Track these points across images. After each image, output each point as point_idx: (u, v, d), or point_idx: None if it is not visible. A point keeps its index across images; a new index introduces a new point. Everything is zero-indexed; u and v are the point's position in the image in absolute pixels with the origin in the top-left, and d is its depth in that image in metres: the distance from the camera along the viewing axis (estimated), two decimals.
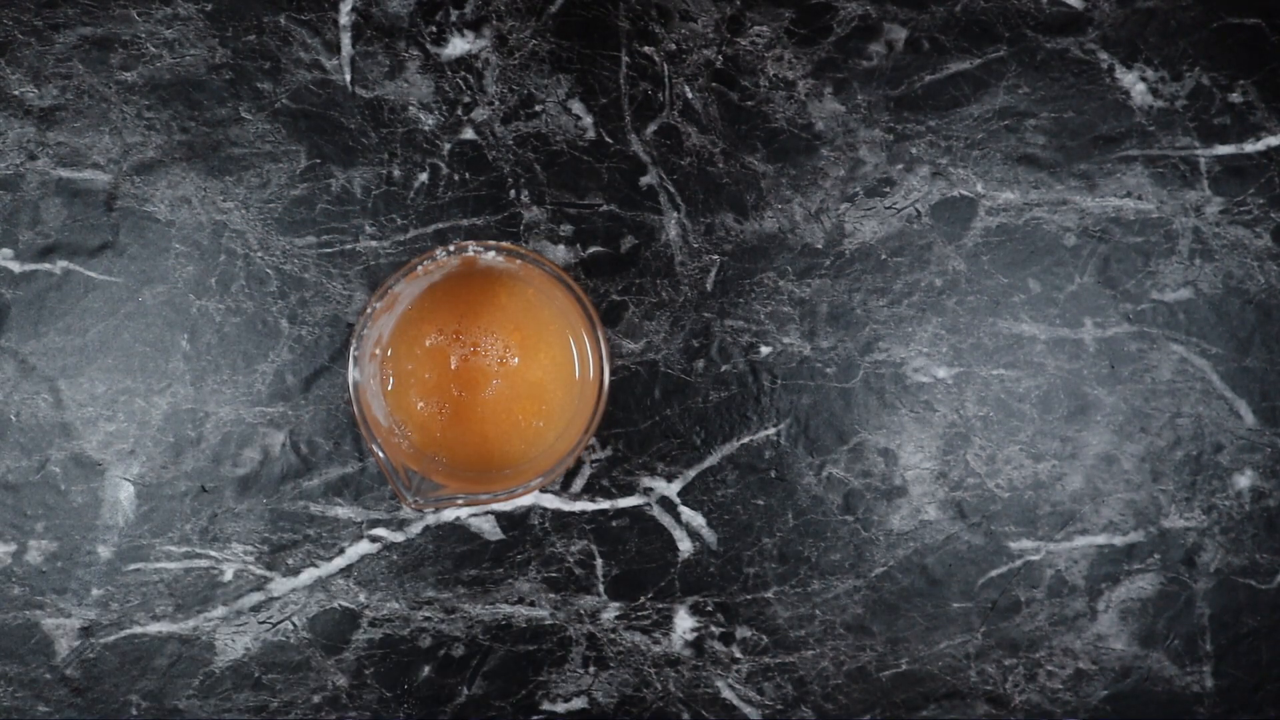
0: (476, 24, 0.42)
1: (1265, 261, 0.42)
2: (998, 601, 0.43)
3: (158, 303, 0.41)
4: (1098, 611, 0.43)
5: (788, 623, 0.43)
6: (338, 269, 0.42)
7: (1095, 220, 0.42)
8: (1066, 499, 0.42)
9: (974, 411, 0.42)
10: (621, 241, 0.42)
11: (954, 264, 0.42)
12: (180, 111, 0.41)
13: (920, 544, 0.43)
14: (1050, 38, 0.42)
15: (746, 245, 0.42)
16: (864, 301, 0.42)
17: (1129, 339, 0.42)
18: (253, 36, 0.41)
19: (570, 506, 0.42)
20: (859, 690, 0.43)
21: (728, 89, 0.42)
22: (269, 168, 0.41)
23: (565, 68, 0.42)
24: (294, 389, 0.42)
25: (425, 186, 0.42)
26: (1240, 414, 0.43)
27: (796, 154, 0.42)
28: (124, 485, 0.41)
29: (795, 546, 0.43)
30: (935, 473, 0.42)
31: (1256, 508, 0.43)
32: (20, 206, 0.41)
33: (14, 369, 0.41)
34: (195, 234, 0.41)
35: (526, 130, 0.42)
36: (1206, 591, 0.43)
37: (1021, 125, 0.42)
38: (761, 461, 0.42)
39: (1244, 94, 0.42)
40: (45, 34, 0.41)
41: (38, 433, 0.41)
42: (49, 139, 0.41)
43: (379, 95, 0.42)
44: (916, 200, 0.42)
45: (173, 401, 0.41)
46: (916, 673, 0.43)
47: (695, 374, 0.42)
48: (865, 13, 0.42)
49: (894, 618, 0.43)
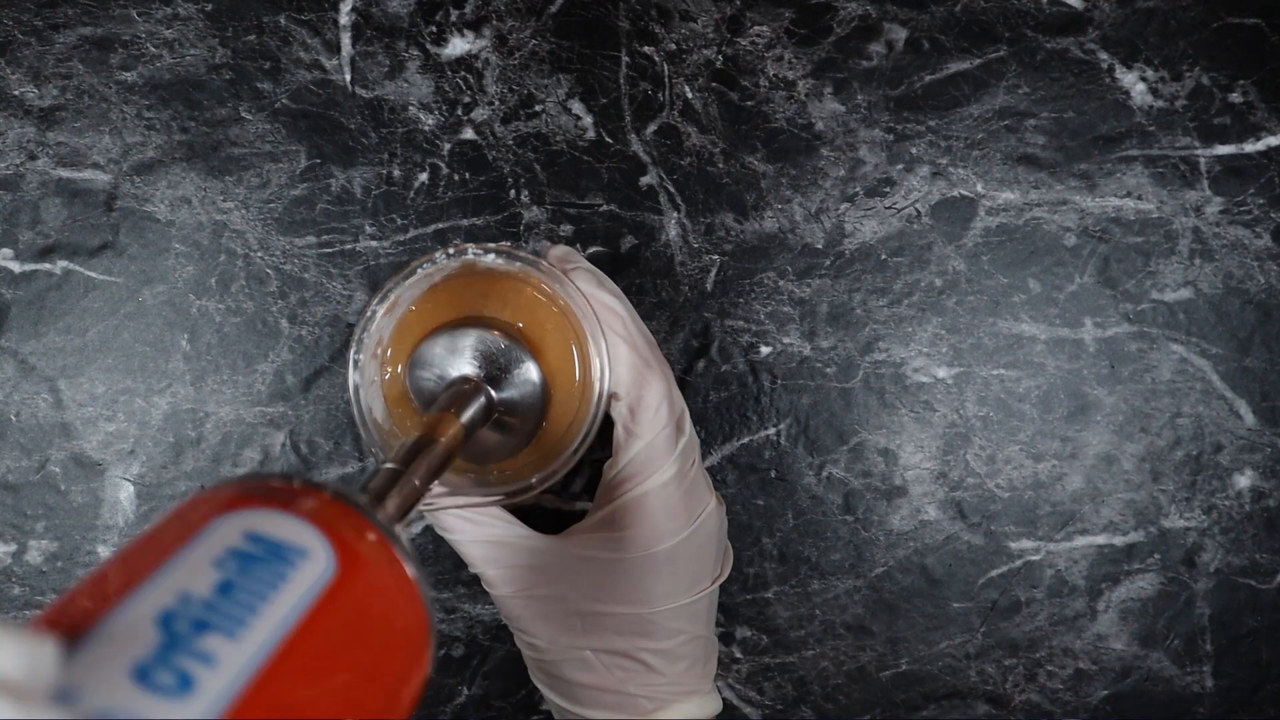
0: (476, 24, 0.42)
1: (1265, 261, 0.42)
2: (998, 601, 0.43)
3: (158, 303, 0.41)
4: (1098, 611, 0.43)
5: (788, 623, 0.43)
6: (338, 269, 0.42)
7: (1095, 220, 0.42)
8: (1066, 499, 0.42)
9: (974, 411, 0.42)
10: (621, 241, 0.42)
11: (954, 264, 0.42)
12: (180, 111, 0.41)
13: (920, 544, 0.43)
14: (1050, 38, 0.42)
15: (746, 245, 0.42)
16: (864, 301, 0.42)
17: (1129, 339, 0.42)
18: (253, 36, 0.41)
19: (570, 507, 0.42)
20: (859, 690, 0.43)
21: (728, 89, 0.42)
22: (269, 168, 0.41)
23: (565, 68, 0.42)
24: (294, 389, 0.42)
25: (425, 186, 0.42)
26: (1240, 414, 0.43)
27: (796, 154, 0.42)
28: (124, 485, 0.41)
29: (795, 546, 0.43)
30: (935, 473, 0.42)
31: (1256, 508, 0.43)
32: (20, 206, 0.41)
33: (14, 369, 0.41)
34: (195, 234, 0.41)
35: (526, 130, 0.42)
36: (1206, 591, 0.43)
37: (1021, 125, 0.42)
38: (761, 461, 0.42)
39: (1244, 94, 0.42)
40: (45, 34, 0.41)
41: (38, 433, 0.41)
42: (49, 139, 0.41)
43: (379, 95, 0.42)
44: (916, 200, 0.42)
45: (173, 401, 0.41)
46: (916, 673, 0.43)
47: (695, 374, 0.42)
48: (865, 13, 0.42)
49: (894, 618, 0.43)
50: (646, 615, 0.34)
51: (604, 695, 0.35)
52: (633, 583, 0.34)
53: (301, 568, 0.18)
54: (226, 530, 0.18)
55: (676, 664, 0.35)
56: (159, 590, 0.17)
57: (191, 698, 0.15)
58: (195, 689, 0.15)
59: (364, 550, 0.20)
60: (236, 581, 0.17)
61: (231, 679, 0.16)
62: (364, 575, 0.19)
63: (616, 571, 0.34)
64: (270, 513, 0.19)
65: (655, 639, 0.34)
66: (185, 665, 0.15)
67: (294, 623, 0.17)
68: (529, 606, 0.35)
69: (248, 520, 0.19)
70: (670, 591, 0.34)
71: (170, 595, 0.17)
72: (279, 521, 0.19)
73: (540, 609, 0.35)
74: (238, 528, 0.19)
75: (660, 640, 0.34)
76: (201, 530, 0.18)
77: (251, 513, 0.19)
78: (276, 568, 0.18)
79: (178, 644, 0.16)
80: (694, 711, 0.35)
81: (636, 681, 0.35)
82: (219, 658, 0.16)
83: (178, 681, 0.15)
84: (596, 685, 0.35)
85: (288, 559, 0.18)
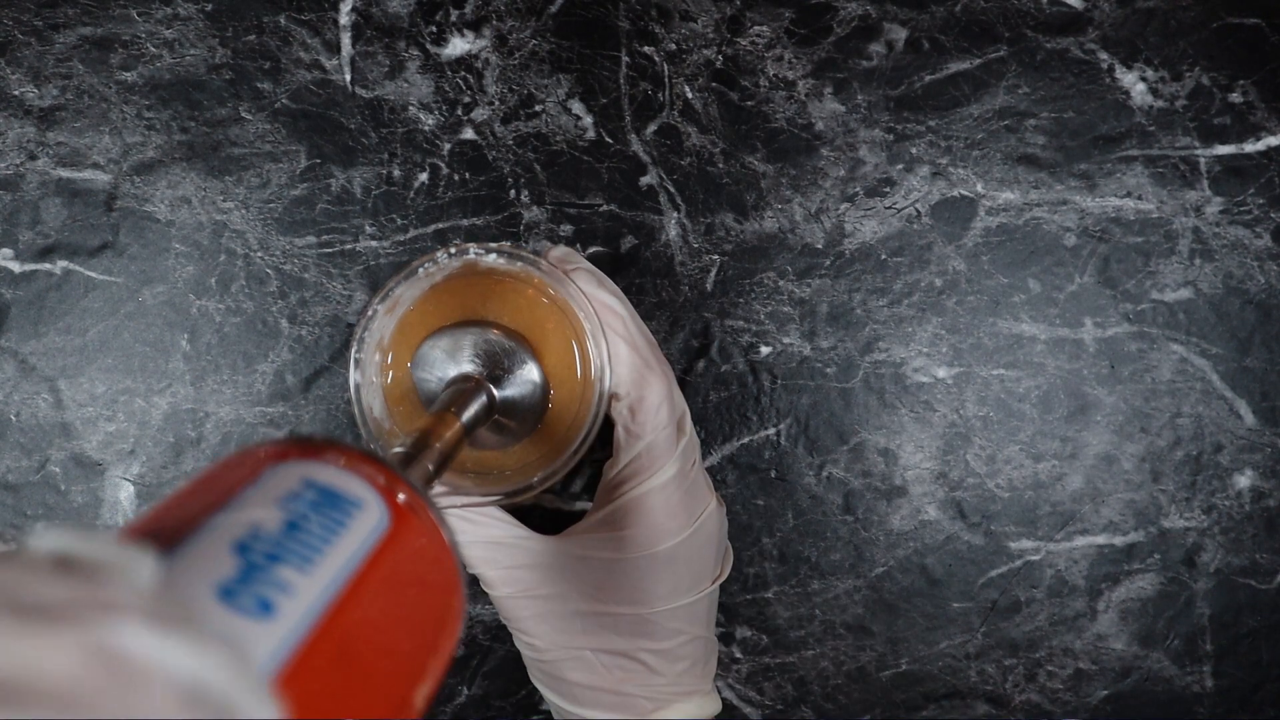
0: (476, 24, 0.42)
1: (1265, 261, 0.42)
2: (998, 601, 0.43)
3: (158, 303, 0.41)
4: (1098, 611, 0.43)
5: (788, 623, 0.43)
6: (338, 269, 0.42)
7: (1095, 220, 0.42)
8: (1066, 499, 0.42)
9: (974, 411, 0.42)
10: (621, 241, 0.42)
11: (954, 264, 0.42)
12: (180, 111, 0.41)
13: (920, 544, 0.43)
14: (1050, 38, 0.42)
15: (746, 245, 0.42)
16: (864, 301, 0.42)
17: (1129, 339, 0.42)
18: (253, 36, 0.41)
19: (570, 506, 0.42)
20: (859, 690, 0.43)
21: (728, 89, 0.42)
22: (269, 168, 0.41)
23: (565, 68, 0.42)
24: (294, 389, 0.42)
25: (425, 186, 0.42)
26: (1240, 414, 0.43)
27: (796, 154, 0.42)
28: (124, 485, 0.41)
29: (795, 546, 0.43)
30: (935, 473, 0.42)
31: (1256, 508, 0.43)
32: (20, 206, 0.41)
33: (14, 369, 0.41)
34: (195, 234, 0.41)
35: (526, 130, 0.42)
36: (1206, 591, 0.43)
37: (1021, 125, 0.42)
38: (761, 461, 0.42)
39: (1244, 94, 0.42)
40: (45, 34, 0.41)
41: (38, 433, 0.41)
42: (49, 139, 0.41)
43: (379, 95, 0.42)
44: (916, 200, 0.42)
45: (173, 401, 0.41)
46: (916, 673, 0.43)
47: (695, 374, 0.42)
48: (865, 13, 0.42)
49: (894, 618, 0.43)
50: (646, 615, 0.34)
51: (604, 695, 0.35)
52: (633, 583, 0.34)
53: (358, 518, 0.19)
54: (286, 475, 0.19)
55: (676, 664, 0.35)
56: (230, 522, 0.18)
57: (273, 621, 0.16)
58: (276, 613, 0.16)
59: (413, 511, 0.21)
60: (301, 523, 0.18)
61: (307, 608, 0.17)
62: (413, 533, 0.21)
63: (616, 571, 0.34)
64: (325, 465, 0.20)
65: (655, 639, 0.34)
66: (264, 591, 0.16)
67: (356, 566, 0.19)
68: (528, 607, 0.35)
69: (305, 469, 0.20)
70: (671, 592, 0.34)
71: (242, 527, 0.18)
72: (334, 474, 0.20)
73: (540, 610, 0.35)
74: (297, 474, 0.20)
75: (660, 640, 0.34)
76: (262, 473, 0.19)
77: (308, 463, 0.20)
78: (336, 515, 0.19)
79: (255, 571, 0.17)
80: (694, 711, 0.35)
81: (636, 682, 0.35)
82: (294, 587, 0.17)
83: (258, 605, 0.16)
84: (596, 685, 0.35)
85: (344, 508, 0.19)
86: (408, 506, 0.21)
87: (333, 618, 0.17)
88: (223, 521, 0.18)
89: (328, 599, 0.17)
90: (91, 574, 0.13)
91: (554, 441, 0.34)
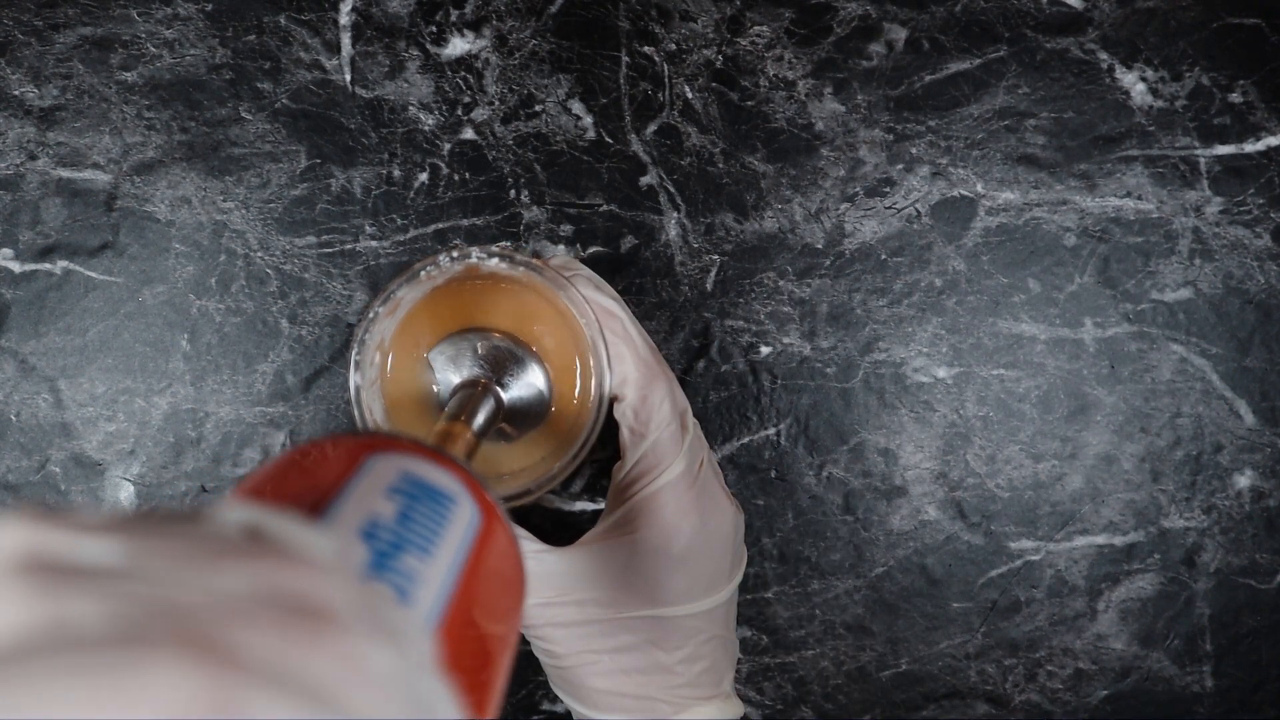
0: (476, 24, 0.42)
1: (1265, 261, 0.42)
2: (998, 601, 0.43)
3: (158, 303, 0.41)
4: (1098, 611, 0.43)
5: (788, 623, 0.43)
6: (338, 269, 0.42)
7: (1095, 220, 0.42)
8: (1066, 499, 0.43)
9: (974, 411, 0.42)
10: (621, 241, 0.42)
11: (954, 264, 0.42)
12: (180, 111, 0.41)
13: (920, 544, 0.43)
14: (1050, 38, 0.42)
15: (746, 245, 0.42)
16: (864, 301, 0.42)
17: (1129, 339, 0.42)
18: (253, 36, 0.41)
19: (570, 507, 0.42)
20: (859, 690, 0.43)
21: (728, 89, 0.42)
22: (269, 168, 0.41)
23: (565, 68, 0.42)
24: (294, 389, 0.42)
25: (425, 186, 0.42)
26: (1240, 414, 0.43)
27: (796, 154, 0.42)
28: (124, 485, 0.41)
29: (795, 546, 0.43)
30: (935, 473, 0.42)
31: (1256, 508, 0.43)
32: (20, 206, 0.41)
33: (14, 369, 0.41)
34: (195, 234, 0.41)
35: (526, 130, 0.42)
36: (1206, 591, 0.43)
37: (1021, 125, 0.42)
38: (761, 461, 0.42)
39: (1244, 94, 0.42)
40: (45, 34, 0.41)
41: (38, 433, 0.41)
42: (49, 139, 0.41)
43: (379, 95, 0.42)
44: (916, 200, 0.42)
45: (173, 401, 0.41)
46: (916, 673, 0.43)
47: (695, 374, 0.42)
48: (865, 13, 0.42)
49: (894, 618, 0.43)
50: (664, 617, 0.34)
51: (623, 700, 0.35)
52: (649, 583, 0.34)
53: (456, 512, 0.20)
54: (385, 468, 0.20)
55: (695, 665, 0.35)
56: (349, 509, 0.18)
57: (410, 607, 0.16)
58: (411, 600, 0.16)
59: (496, 509, 0.21)
60: (410, 514, 0.19)
61: (435, 594, 0.17)
62: (500, 530, 0.21)
63: (632, 574, 0.34)
64: (417, 459, 0.20)
65: (673, 640, 0.34)
66: (397, 579, 0.17)
67: (465, 555, 0.19)
68: (544, 615, 0.35)
69: (400, 463, 0.20)
70: (687, 590, 0.34)
71: (361, 516, 0.18)
72: (426, 468, 0.20)
73: (557, 618, 0.35)
74: (394, 467, 0.20)
75: (678, 640, 0.34)
76: (362, 464, 0.20)
77: (401, 456, 0.20)
78: (438, 508, 0.19)
79: (385, 558, 0.17)
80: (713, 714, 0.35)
81: (656, 685, 0.35)
82: (422, 575, 0.17)
83: (395, 592, 0.16)
84: (616, 690, 0.35)
85: (443, 502, 0.20)
86: (494, 505, 0.21)
87: (458, 603, 0.17)
88: (342, 508, 0.18)
89: (451, 585, 0.18)
90: (283, 552, 0.13)
91: (554, 444, 0.34)
